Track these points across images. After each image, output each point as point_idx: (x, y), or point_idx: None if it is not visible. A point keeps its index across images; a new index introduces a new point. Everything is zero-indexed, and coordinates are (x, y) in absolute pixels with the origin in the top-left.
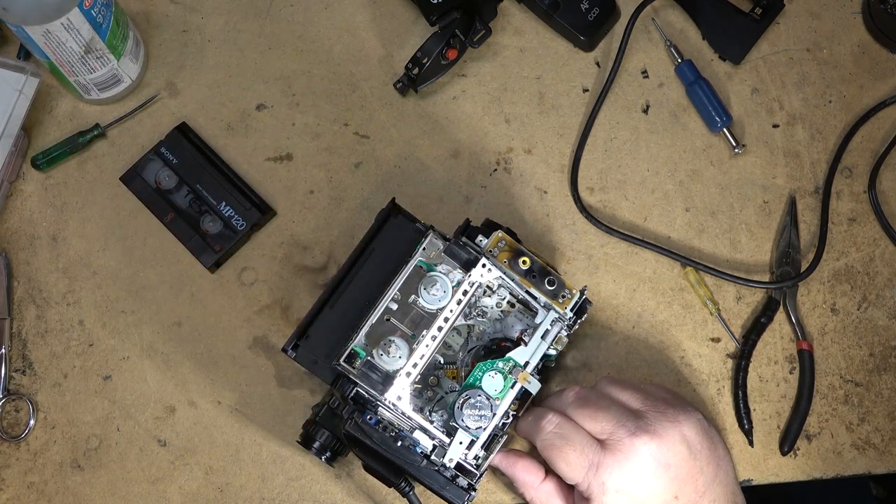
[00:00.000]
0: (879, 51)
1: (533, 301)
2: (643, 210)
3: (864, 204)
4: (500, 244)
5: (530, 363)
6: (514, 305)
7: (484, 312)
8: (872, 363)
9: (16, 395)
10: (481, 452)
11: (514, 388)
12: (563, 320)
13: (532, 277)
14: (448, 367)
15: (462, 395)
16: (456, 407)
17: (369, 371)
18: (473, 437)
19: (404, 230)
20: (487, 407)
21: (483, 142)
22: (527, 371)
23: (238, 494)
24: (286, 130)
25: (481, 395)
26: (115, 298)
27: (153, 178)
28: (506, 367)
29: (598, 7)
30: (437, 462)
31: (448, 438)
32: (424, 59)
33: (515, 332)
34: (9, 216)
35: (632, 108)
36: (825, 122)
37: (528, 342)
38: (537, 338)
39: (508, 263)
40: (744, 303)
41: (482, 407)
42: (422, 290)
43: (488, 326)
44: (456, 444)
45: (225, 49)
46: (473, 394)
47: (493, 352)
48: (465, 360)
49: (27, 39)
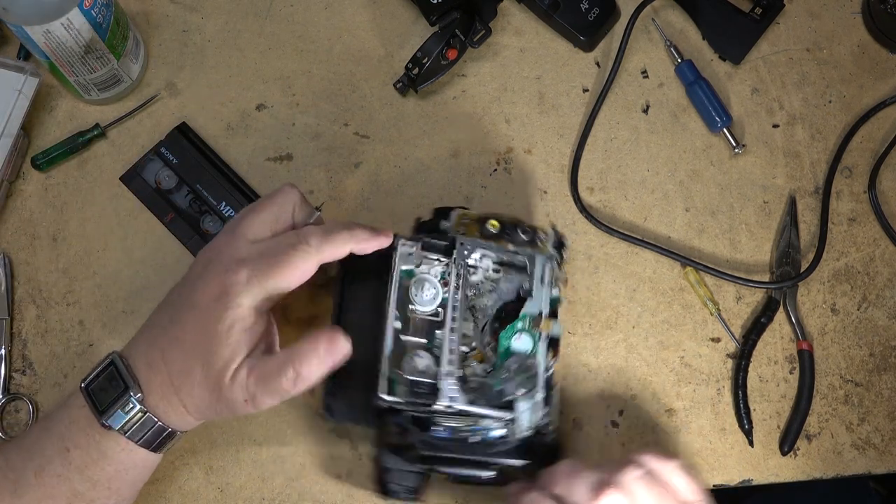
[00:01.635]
0: (879, 51)
1: (517, 256)
2: (643, 210)
3: (864, 204)
4: (463, 220)
5: (543, 310)
6: (499, 271)
7: (477, 289)
8: (872, 363)
9: (16, 395)
10: (545, 409)
11: (542, 341)
12: (551, 259)
13: (506, 235)
14: (473, 353)
15: (502, 368)
16: (502, 382)
17: (414, 389)
18: (531, 398)
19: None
20: (530, 367)
21: (483, 142)
22: (545, 319)
23: (238, 494)
24: (286, 130)
25: (518, 359)
26: (115, 298)
27: (153, 178)
28: (525, 325)
29: (598, 7)
30: (512, 440)
31: (512, 413)
32: (424, 59)
33: (516, 292)
34: (9, 216)
35: (632, 108)
36: (825, 122)
37: (533, 293)
38: (538, 284)
39: (479, 234)
40: (744, 303)
41: (525, 369)
42: (414, 296)
43: (488, 300)
44: (522, 413)
45: (225, 49)
46: (511, 362)
47: (506, 319)
48: (484, 340)
49: (27, 39)
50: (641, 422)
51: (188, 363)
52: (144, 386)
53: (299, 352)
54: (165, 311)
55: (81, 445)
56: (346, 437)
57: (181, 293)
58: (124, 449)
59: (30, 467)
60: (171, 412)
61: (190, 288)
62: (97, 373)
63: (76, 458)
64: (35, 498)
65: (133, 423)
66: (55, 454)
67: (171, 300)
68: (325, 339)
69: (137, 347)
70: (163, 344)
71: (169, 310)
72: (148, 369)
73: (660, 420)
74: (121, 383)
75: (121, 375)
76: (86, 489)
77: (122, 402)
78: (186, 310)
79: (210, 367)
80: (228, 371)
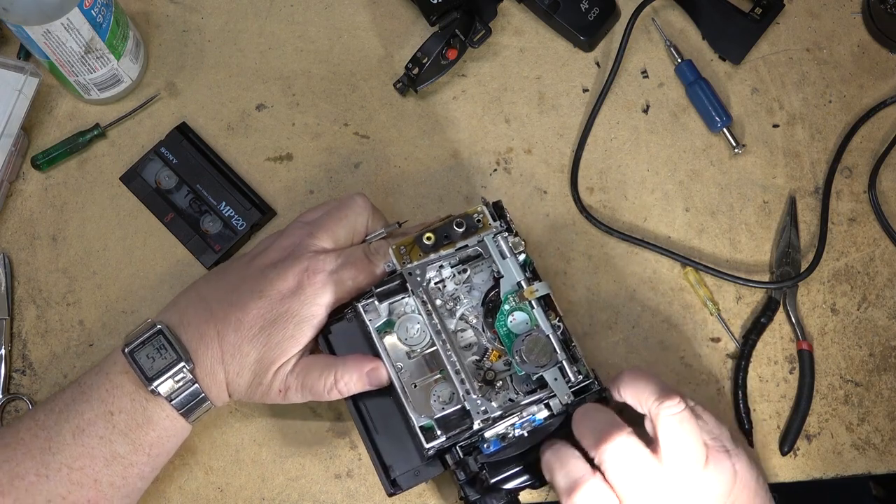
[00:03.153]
0: (879, 51)
1: (469, 250)
2: (643, 210)
3: (864, 204)
4: (401, 250)
5: (520, 280)
6: (465, 270)
7: (455, 298)
8: (872, 363)
9: (16, 395)
10: (575, 367)
11: (535, 308)
12: (498, 232)
13: (446, 239)
14: (488, 354)
15: (514, 356)
16: (521, 367)
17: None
18: (555, 365)
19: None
20: (537, 340)
21: (483, 142)
22: (525, 287)
23: (238, 494)
24: (286, 130)
25: (523, 337)
26: (115, 298)
27: (153, 178)
28: (511, 304)
29: (598, 7)
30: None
31: (546, 390)
32: (424, 59)
33: (488, 279)
34: (9, 216)
35: (632, 108)
36: (825, 122)
37: (501, 271)
38: (499, 261)
39: (421, 253)
40: (744, 303)
41: (535, 343)
42: (406, 340)
43: (468, 301)
44: (556, 384)
45: (225, 49)
46: (517, 344)
47: (493, 308)
48: (487, 337)
49: (27, 39)
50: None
51: (245, 347)
52: (195, 358)
53: (344, 363)
54: (221, 287)
55: (126, 409)
56: (346, 436)
57: (245, 277)
58: (168, 416)
59: (66, 428)
60: (214, 386)
61: (259, 275)
62: (142, 340)
63: (120, 421)
64: (71, 456)
65: (180, 392)
66: (97, 417)
67: (230, 280)
68: (370, 362)
69: (187, 318)
70: (220, 322)
71: (227, 288)
72: (199, 342)
73: None
74: (172, 353)
75: (172, 345)
76: (127, 452)
77: (173, 372)
78: (254, 297)
79: (266, 355)
80: (279, 362)
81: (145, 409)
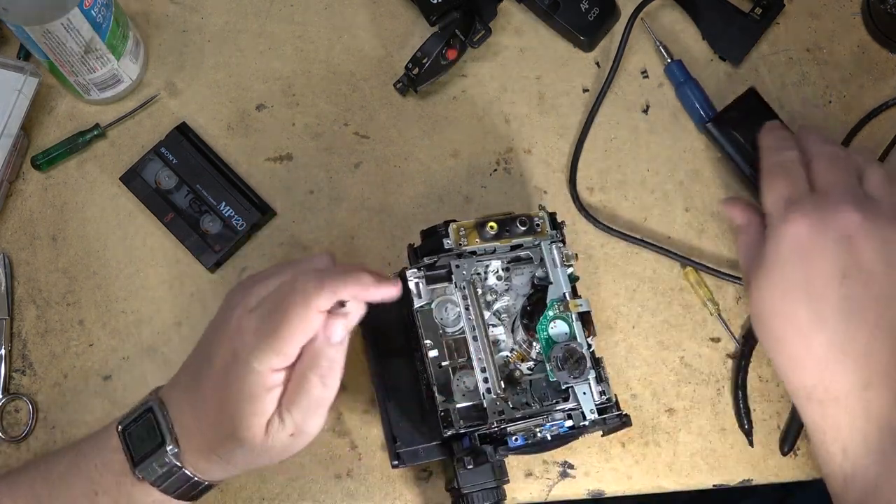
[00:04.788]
0: (879, 51)
1: (523, 251)
2: (643, 210)
3: None
4: (461, 232)
5: (566, 291)
6: (508, 269)
7: (494, 293)
8: None
9: (16, 394)
10: (600, 387)
11: (575, 321)
12: (555, 240)
13: (506, 232)
14: (512, 354)
15: (549, 360)
16: (553, 373)
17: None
18: (585, 380)
19: None
20: (574, 351)
21: (483, 142)
22: (570, 299)
23: (238, 494)
24: (286, 130)
25: (561, 345)
26: (115, 298)
27: (153, 178)
28: (555, 312)
29: (598, 7)
30: (580, 424)
31: (573, 402)
32: (424, 59)
33: (530, 283)
34: (9, 216)
35: (632, 108)
36: (825, 122)
37: (551, 277)
38: (552, 268)
39: (478, 239)
40: (744, 303)
41: (570, 353)
42: (440, 320)
43: (509, 300)
44: (583, 397)
45: (225, 49)
46: (556, 350)
47: (533, 312)
48: (517, 338)
49: (27, 39)
50: (641, 422)
51: (219, 428)
52: (183, 441)
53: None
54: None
55: (111, 492)
56: (347, 437)
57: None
58: (156, 500)
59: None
60: (213, 468)
61: (206, 345)
62: (135, 417)
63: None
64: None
65: (167, 477)
66: (82, 495)
67: (196, 351)
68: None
69: (176, 395)
70: (193, 402)
71: (194, 362)
72: (183, 425)
73: (660, 420)
74: (158, 435)
75: (158, 427)
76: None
77: (156, 456)
78: (205, 372)
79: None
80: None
81: (130, 494)
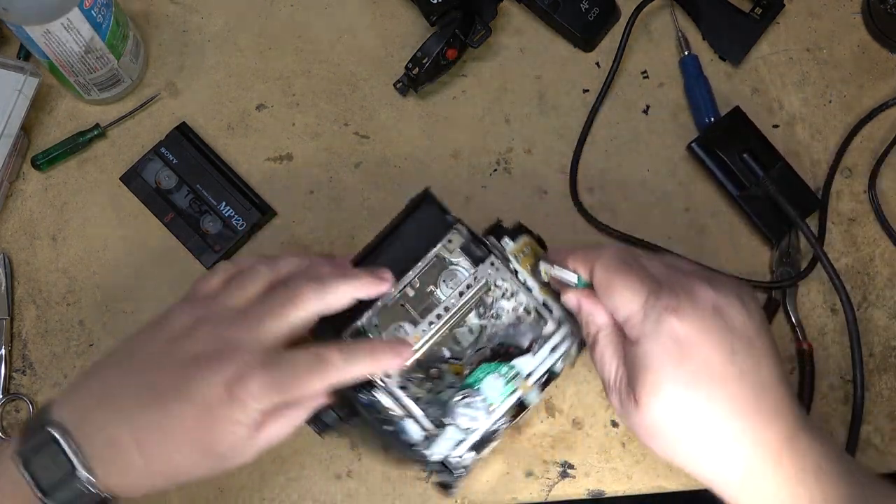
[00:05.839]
0: (879, 51)
1: (546, 312)
2: (643, 210)
3: (864, 204)
4: (524, 250)
5: (534, 374)
6: (529, 313)
7: (499, 315)
8: (872, 363)
9: (16, 394)
10: (469, 454)
11: (513, 396)
12: (575, 336)
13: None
14: (453, 363)
15: (460, 392)
16: (452, 403)
17: None
18: (464, 436)
19: (434, 221)
20: (483, 409)
21: (483, 142)
22: (529, 382)
23: (238, 494)
24: (286, 130)
25: (479, 396)
26: (115, 298)
27: (153, 178)
28: (509, 374)
29: (598, 7)
30: (421, 453)
31: (438, 431)
32: (424, 59)
33: (526, 341)
34: (9, 216)
35: (632, 109)
36: (825, 122)
37: (536, 353)
38: (546, 350)
39: (531, 270)
40: None
41: (478, 408)
42: (441, 282)
43: (501, 330)
44: (444, 439)
45: (225, 49)
46: (472, 394)
47: (499, 355)
48: (471, 358)
49: (27, 39)
50: None
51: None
52: (99, 466)
53: None
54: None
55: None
56: (347, 436)
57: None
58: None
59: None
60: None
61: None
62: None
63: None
64: None
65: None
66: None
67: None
68: None
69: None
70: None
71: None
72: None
73: None
74: (68, 465)
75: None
76: None
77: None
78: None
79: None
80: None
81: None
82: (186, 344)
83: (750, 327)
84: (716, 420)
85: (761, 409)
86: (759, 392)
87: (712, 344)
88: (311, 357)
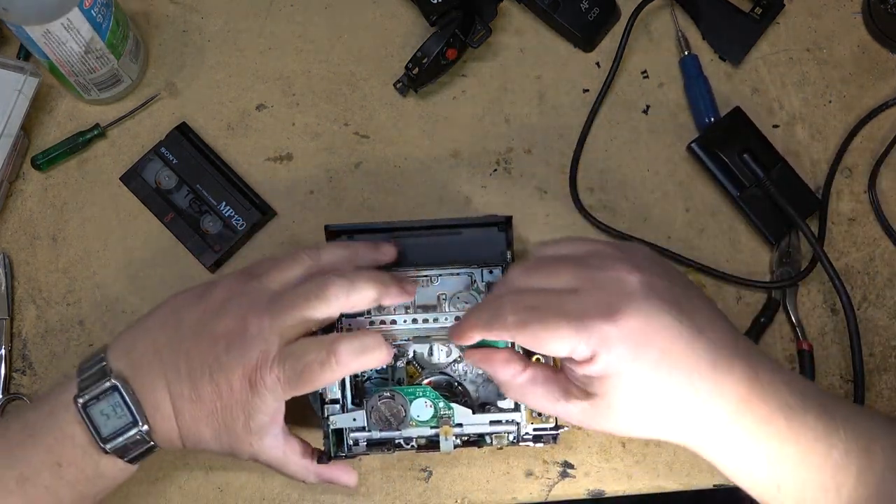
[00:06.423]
0: (879, 51)
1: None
2: (643, 210)
3: (864, 204)
4: None
5: (463, 428)
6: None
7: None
8: (872, 363)
9: (16, 394)
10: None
11: (430, 431)
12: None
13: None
14: (414, 366)
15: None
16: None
17: None
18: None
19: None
20: (398, 420)
21: (483, 142)
22: (453, 430)
23: (238, 494)
24: (286, 130)
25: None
26: (115, 298)
27: (153, 178)
28: (441, 411)
29: (598, 7)
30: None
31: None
32: (424, 59)
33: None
34: (9, 216)
35: (632, 109)
36: (825, 122)
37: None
38: (486, 419)
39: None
40: (744, 303)
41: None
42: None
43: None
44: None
45: (225, 49)
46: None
47: (447, 390)
48: (430, 374)
49: (27, 39)
50: None
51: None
52: (152, 422)
53: None
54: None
55: (76, 463)
56: None
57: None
58: (121, 469)
59: (9, 475)
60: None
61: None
62: (96, 395)
63: (69, 473)
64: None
65: (134, 450)
66: (44, 467)
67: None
68: None
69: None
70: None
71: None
72: (153, 407)
73: None
74: (128, 415)
75: (129, 407)
76: (72, 502)
77: (128, 434)
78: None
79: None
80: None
81: (97, 463)
82: (217, 319)
83: (677, 286)
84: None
85: (717, 364)
86: (710, 347)
87: (659, 326)
88: (323, 355)
